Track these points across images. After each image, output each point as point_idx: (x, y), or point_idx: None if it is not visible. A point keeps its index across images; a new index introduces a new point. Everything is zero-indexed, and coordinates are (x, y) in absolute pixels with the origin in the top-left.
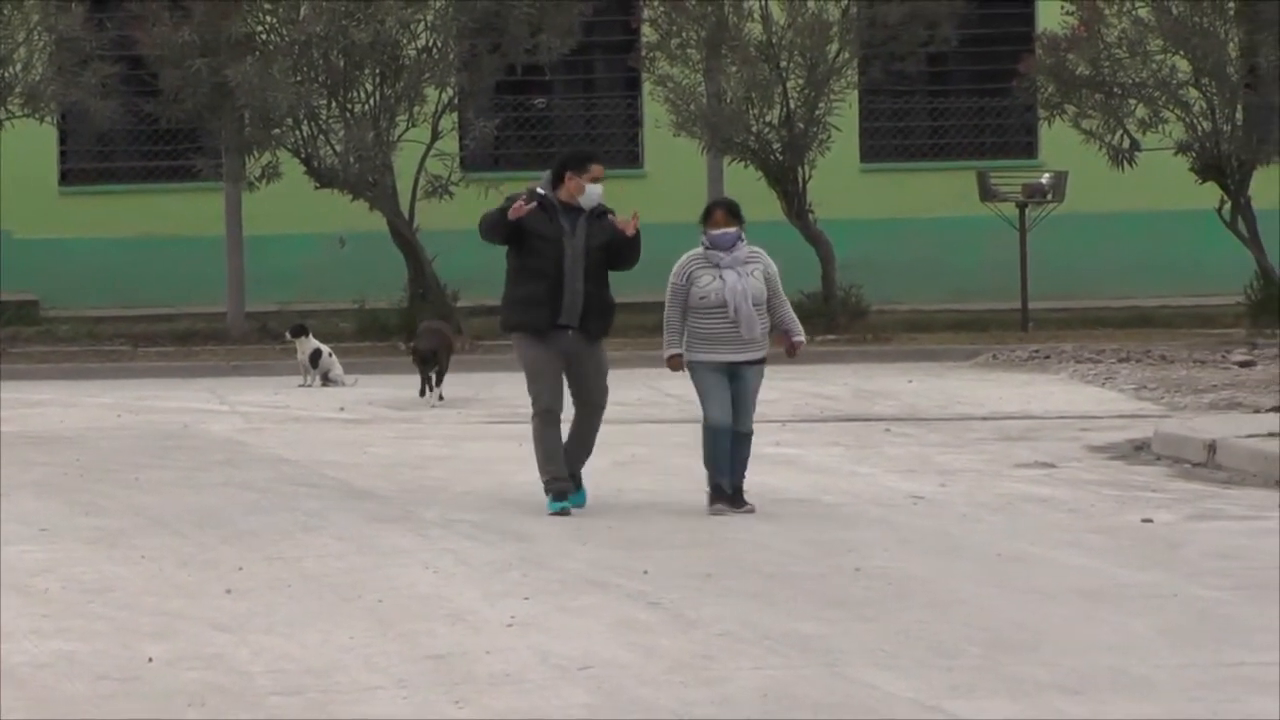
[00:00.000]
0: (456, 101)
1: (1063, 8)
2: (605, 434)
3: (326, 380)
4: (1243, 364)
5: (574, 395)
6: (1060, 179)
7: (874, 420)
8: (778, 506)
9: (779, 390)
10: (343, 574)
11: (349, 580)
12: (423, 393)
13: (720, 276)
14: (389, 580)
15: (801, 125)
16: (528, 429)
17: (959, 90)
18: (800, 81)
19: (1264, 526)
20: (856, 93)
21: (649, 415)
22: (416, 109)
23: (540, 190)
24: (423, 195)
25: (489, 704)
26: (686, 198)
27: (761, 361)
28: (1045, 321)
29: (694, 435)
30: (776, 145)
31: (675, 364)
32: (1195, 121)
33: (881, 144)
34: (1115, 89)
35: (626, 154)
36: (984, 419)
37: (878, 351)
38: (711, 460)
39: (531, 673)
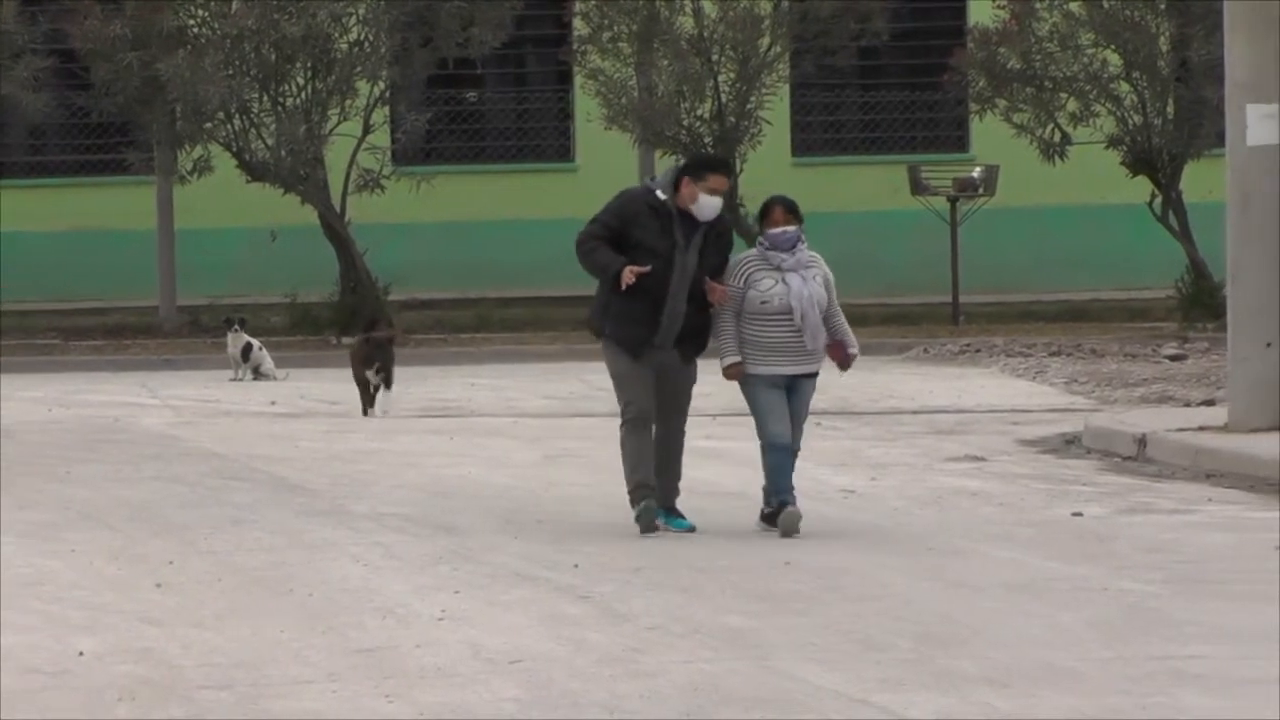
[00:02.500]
0: (388, 95)
1: (994, 2)
2: (537, 427)
3: (258, 374)
4: (1173, 358)
5: (656, 411)
6: (991, 173)
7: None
8: (708, 501)
9: (712, 384)
10: (273, 568)
11: (279, 574)
12: (365, 411)
13: (784, 280)
14: (319, 574)
15: (733, 119)
16: (458, 422)
17: (890, 84)
18: (732, 75)
19: (1194, 520)
20: (788, 86)
21: (580, 409)
22: (348, 103)
23: (661, 194)
24: (354, 189)
25: (419, 698)
26: (617, 191)
27: (816, 374)
28: (976, 315)
29: None
30: (708, 139)
31: (736, 372)
32: (1126, 115)
33: (813, 138)
34: (1046, 83)
35: (558, 148)
36: (915, 413)
37: None
38: (774, 482)
39: (461, 666)
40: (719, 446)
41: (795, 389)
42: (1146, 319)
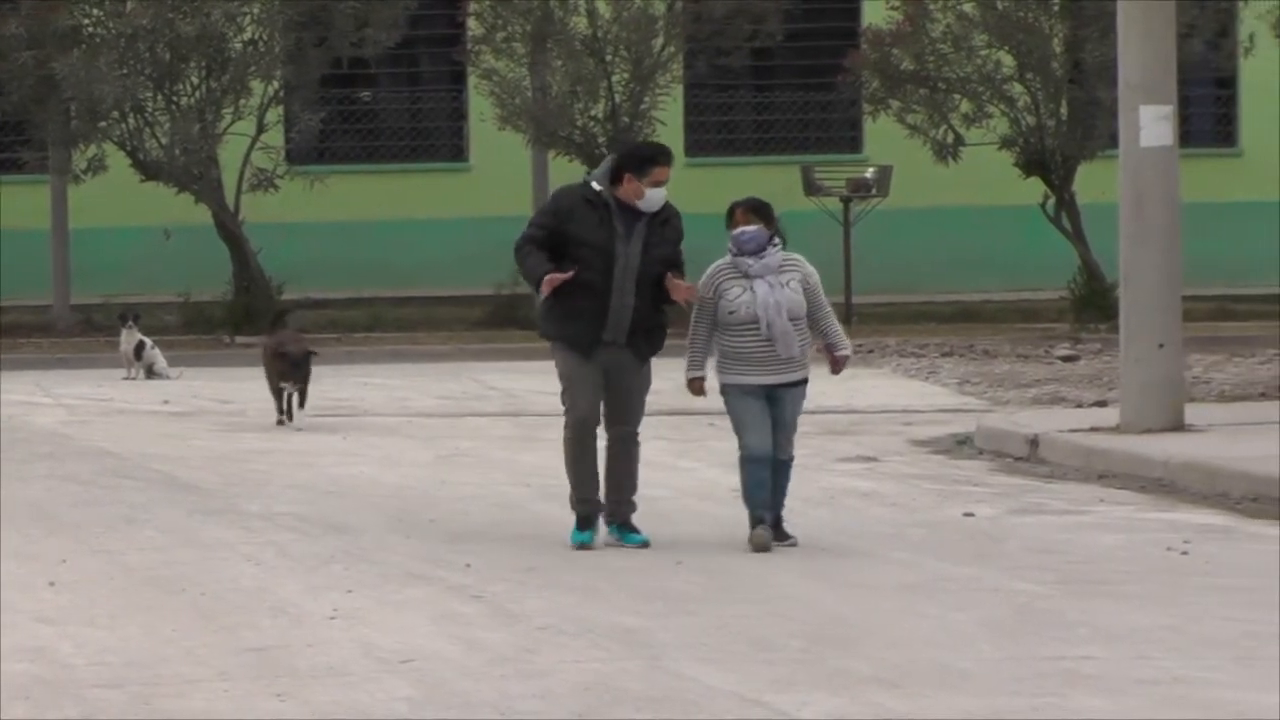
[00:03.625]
0: (282, 94)
1: (888, 3)
2: (429, 427)
3: (150, 373)
4: (1066, 358)
5: (606, 416)
6: (884, 174)
7: (698, 414)
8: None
9: None
10: (166, 567)
11: (172, 573)
12: (279, 420)
13: (750, 288)
14: (212, 573)
15: (627, 119)
16: (350, 422)
17: (784, 85)
18: (625, 75)
19: (1085, 521)
20: (682, 87)
21: (473, 409)
22: (242, 102)
23: (596, 185)
24: (248, 188)
25: (311, 697)
26: (511, 191)
27: (804, 382)
28: (869, 316)
29: (517, 428)
30: (602, 139)
31: (697, 388)
32: (1020, 116)
33: (706, 138)
34: (940, 84)
35: (451, 147)
36: (808, 413)
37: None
38: (750, 496)
39: (353, 666)
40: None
41: (778, 398)
42: (1039, 320)
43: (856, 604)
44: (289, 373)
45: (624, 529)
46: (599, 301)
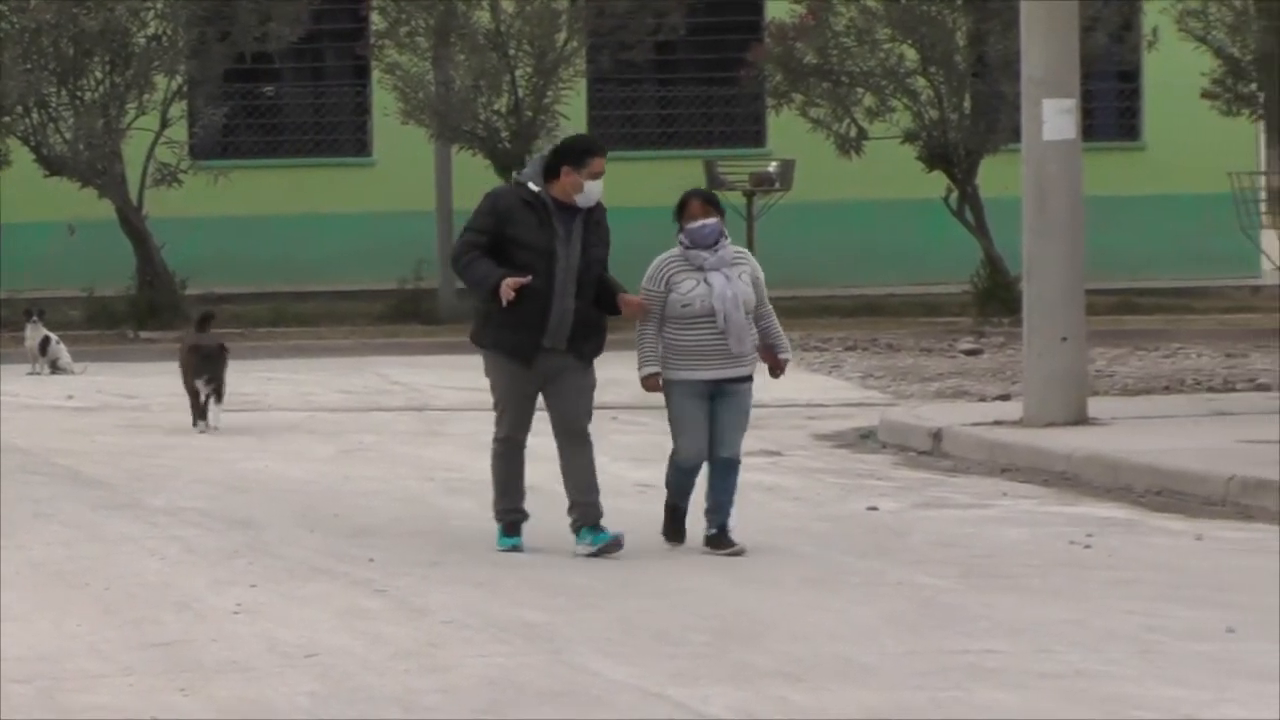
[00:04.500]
0: (186, 89)
1: None
2: (333, 422)
3: (55, 368)
4: (969, 352)
5: (551, 420)
6: (788, 167)
7: (603, 408)
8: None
9: None
10: (71, 561)
11: (77, 568)
12: (195, 422)
13: (705, 280)
14: (116, 568)
15: (530, 113)
16: (254, 417)
17: (687, 79)
18: (529, 70)
19: (988, 514)
20: (585, 81)
21: (376, 403)
22: (146, 97)
23: (533, 186)
24: (152, 183)
25: (215, 692)
26: (414, 186)
27: (750, 379)
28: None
29: (420, 422)
30: (505, 134)
31: (653, 384)
32: (923, 110)
33: (610, 132)
34: (843, 78)
35: (355, 142)
36: None
37: (609, 340)
38: (674, 492)
39: (258, 660)
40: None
41: (725, 395)
42: (942, 314)
43: (760, 598)
44: (202, 366)
45: (595, 530)
46: (540, 306)
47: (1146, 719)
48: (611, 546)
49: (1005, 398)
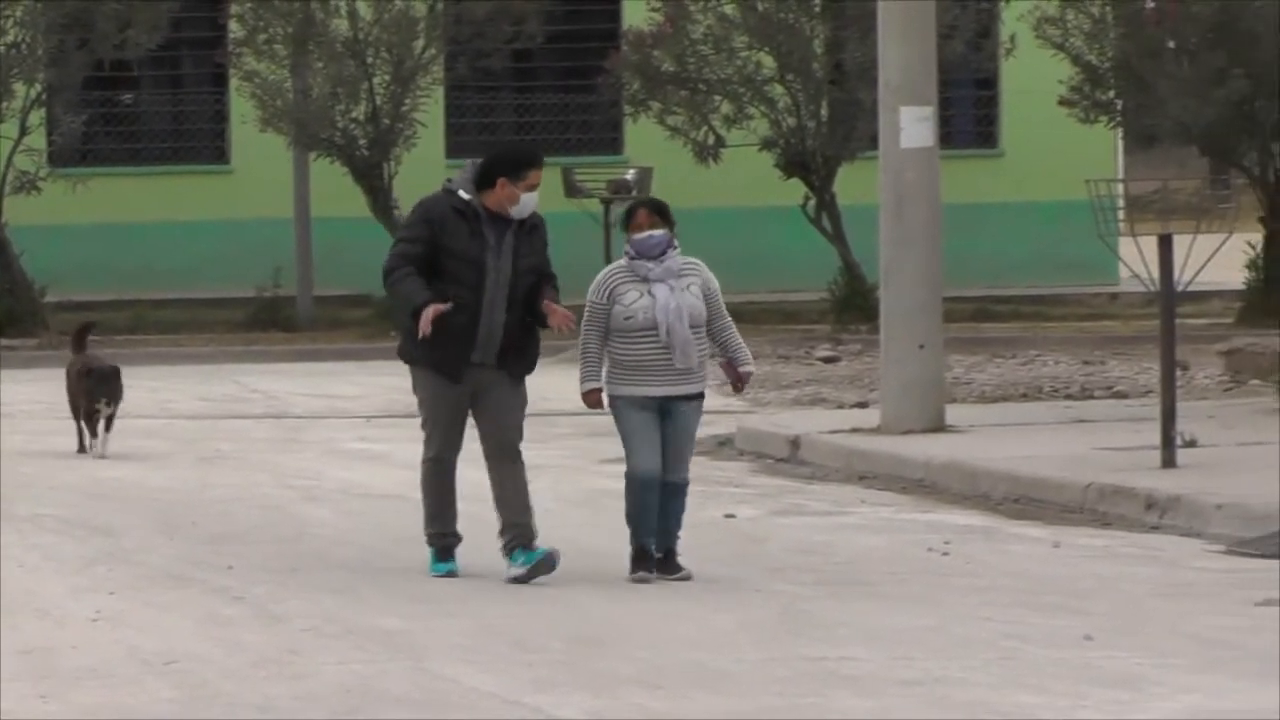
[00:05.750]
0: (45, 97)
1: (648, 4)
2: (192, 429)
3: None
4: (827, 360)
5: (481, 437)
6: (645, 175)
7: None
8: (362, 503)
9: (364, 386)
10: None
11: None
12: (81, 448)
13: (649, 292)
14: None
15: (388, 121)
16: (114, 424)
17: (545, 86)
18: (387, 77)
19: (846, 522)
20: (443, 88)
21: (234, 411)
22: (4, 104)
23: (464, 194)
24: (10, 191)
25: (75, 699)
26: (272, 194)
27: (700, 397)
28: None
29: (279, 430)
30: (363, 141)
31: (594, 399)
32: (780, 118)
33: (467, 140)
34: (700, 85)
35: (213, 150)
36: (569, 415)
37: None
38: (636, 517)
39: (117, 667)
40: (373, 449)
41: (671, 413)
42: (800, 321)
43: (618, 605)
44: (98, 390)
45: (527, 550)
46: (472, 320)
47: None
48: (543, 566)
49: (863, 405)
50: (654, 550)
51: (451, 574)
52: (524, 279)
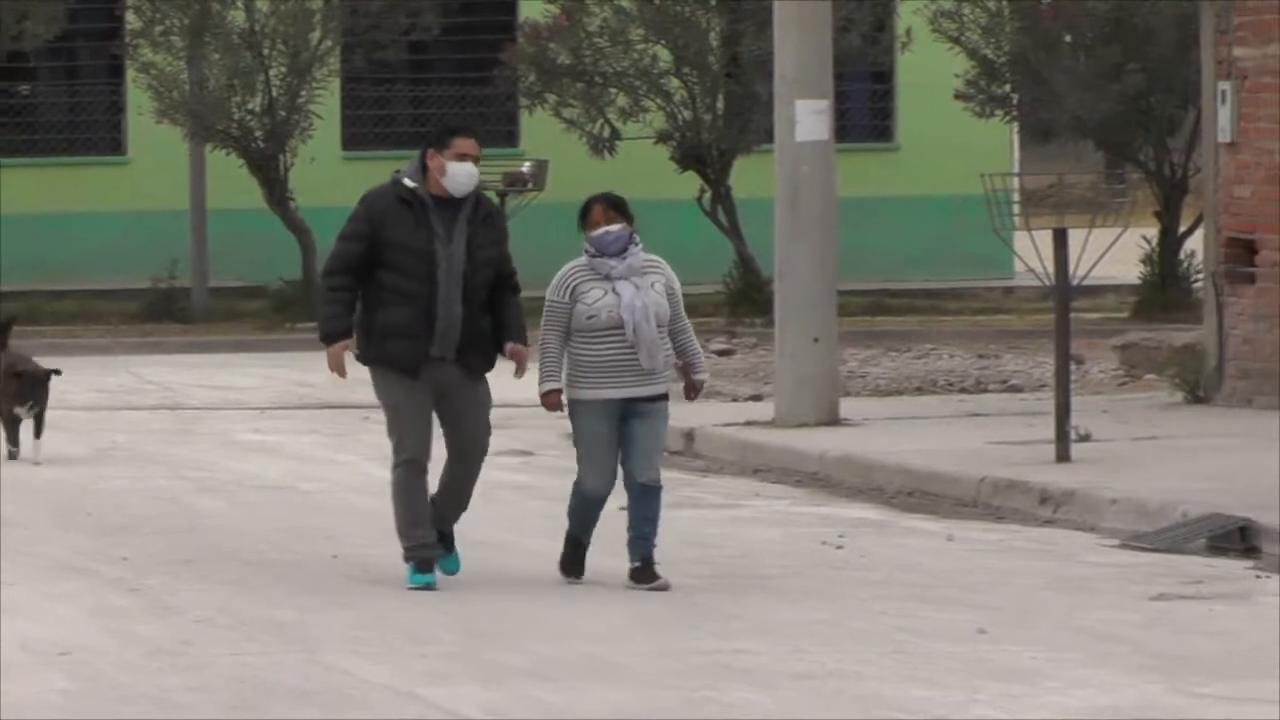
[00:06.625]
0: None
1: None
2: (86, 421)
3: None
4: (721, 353)
5: (447, 439)
6: (541, 168)
7: (353, 408)
8: (256, 494)
9: (258, 377)
10: None
11: None
12: (13, 454)
13: (614, 290)
14: None
15: (284, 113)
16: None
17: (441, 79)
18: (283, 69)
19: (740, 515)
20: (339, 81)
21: (129, 402)
22: None
23: (409, 182)
24: None
25: None
26: (169, 185)
27: (664, 398)
28: (526, 310)
29: (174, 421)
30: (259, 133)
31: (554, 401)
32: (676, 111)
33: (363, 132)
34: (597, 78)
35: (109, 141)
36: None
37: None
38: (577, 522)
39: (10, 658)
40: (267, 441)
41: (637, 415)
42: (695, 314)
43: (511, 598)
44: (27, 394)
45: (443, 539)
46: (426, 313)
47: (898, 719)
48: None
49: (757, 398)
50: (633, 562)
51: (429, 587)
52: (482, 271)
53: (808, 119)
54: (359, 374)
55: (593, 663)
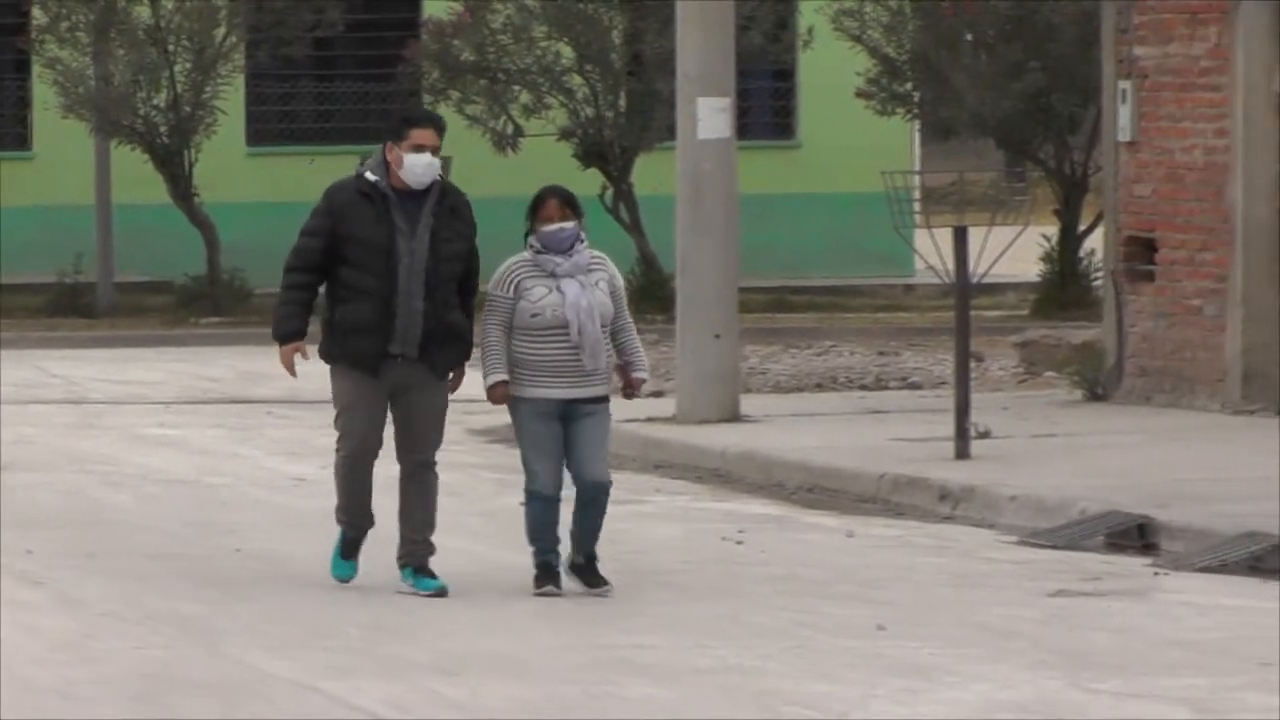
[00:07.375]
0: None
1: None
2: None
3: None
4: None
5: (397, 442)
6: (445, 164)
7: (257, 402)
8: (160, 488)
9: (164, 372)
10: None
11: None
12: None
13: (558, 288)
14: None
15: (188, 108)
16: None
17: (345, 75)
18: (188, 65)
19: (642, 511)
20: (243, 77)
21: (36, 396)
22: None
23: (371, 176)
24: None
25: None
26: (74, 180)
27: (605, 400)
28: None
29: (79, 415)
30: (163, 128)
31: (500, 394)
32: (579, 108)
33: (268, 128)
34: (500, 75)
35: (15, 136)
36: None
37: (261, 334)
38: (538, 535)
39: None
40: (171, 435)
41: (579, 417)
42: None
43: (414, 592)
44: None
45: (419, 574)
46: (386, 309)
47: (798, 715)
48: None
49: (659, 394)
50: (576, 558)
51: (345, 580)
52: (446, 265)
53: (710, 117)
54: (258, 369)
55: (495, 658)
